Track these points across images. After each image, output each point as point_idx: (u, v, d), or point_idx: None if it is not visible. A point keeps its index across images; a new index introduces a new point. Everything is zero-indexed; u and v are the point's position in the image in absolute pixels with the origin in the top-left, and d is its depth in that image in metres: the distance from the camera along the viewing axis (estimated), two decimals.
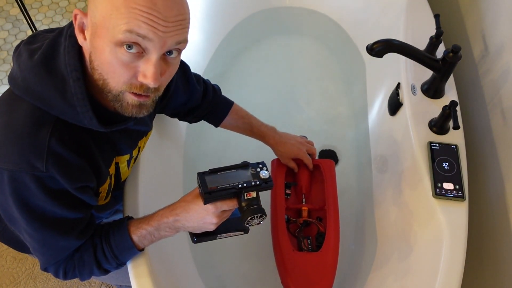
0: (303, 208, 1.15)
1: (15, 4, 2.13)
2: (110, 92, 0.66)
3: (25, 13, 1.79)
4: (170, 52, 0.66)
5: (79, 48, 0.68)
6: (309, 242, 1.10)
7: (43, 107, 0.67)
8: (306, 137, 1.22)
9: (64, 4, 2.20)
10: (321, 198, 1.17)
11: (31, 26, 1.85)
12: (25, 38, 0.74)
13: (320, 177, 1.19)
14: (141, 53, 0.63)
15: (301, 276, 1.03)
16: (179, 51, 0.68)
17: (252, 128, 1.13)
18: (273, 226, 1.11)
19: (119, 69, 0.63)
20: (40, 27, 2.08)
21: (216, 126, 1.12)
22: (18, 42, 2.12)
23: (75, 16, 0.66)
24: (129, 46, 0.62)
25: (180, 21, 0.63)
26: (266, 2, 1.70)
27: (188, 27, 0.66)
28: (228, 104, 1.10)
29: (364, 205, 1.27)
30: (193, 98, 1.02)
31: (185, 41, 0.66)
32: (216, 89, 1.08)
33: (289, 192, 1.18)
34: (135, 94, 0.66)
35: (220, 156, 1.40)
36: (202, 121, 1.13)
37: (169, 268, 0.97)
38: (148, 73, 0.63)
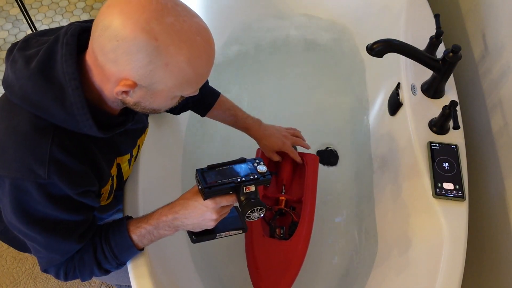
0: (280, 197, 1.16)
1: (15, 4, 2.13)
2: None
3: (25, 13, 1.78)
4: None
5: (77, 55, 0.67)
6: (281, 231, 1.12)
7: (41, 115, 0.67)
8: (299, 131, 1.23)
9: (64, 4, 2.19)
10: (300, 190, 1.18)
11: (31, 26, 1.85)
12: (18, 41, 0.73)
13: (302, 170, 1.19)
14: None
15: (268, 262, 1.04)
16: None
17: (237, 120, 1.12)
18: None
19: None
20: (40, 27, 2.08)
21: (202, 116, 1.12)
22: None
23: (126, 92, 0.66)
24: None
25: None
26: (266, 2, 1.70)
27: None
28: (214, 95, 1.10)
29: (364, 204, 1.27)
30: None
31: None
32: None
33: None
34: None
35: (220, 155, 1.40)
36: (202, 120, 1.13)
37: (169, 268, 0.97)
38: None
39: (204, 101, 1.09)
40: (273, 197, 1.17)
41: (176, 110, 1.08)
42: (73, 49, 0.67)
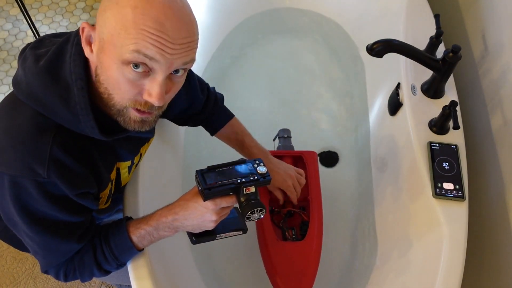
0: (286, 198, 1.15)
1: (15, 4, 2.13)
2: (114, 106, 0.67)
3: (25, 13, 1.78)
4: (176, 71, 0.66)
5: (85, 57, 0.68)
6: (293, 232, 1.12)
7: (45, 114, 0.67)
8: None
9: (64, 4, 2.19)
10: (305, 188, 1.17)
11: (31, 26, 1.85)
12: (26, 38, 0.74)
13: (303, 168, 1.20)
14: (147, 72, 0.63)
15: (286, 265, 1.04)
16: (186, 70, 0.68)
17: (243, 146, 1.09)
18: None
19: (125, 86, 0.64)
20: (40, 27, 2.08)
21: (212, 135, 1.11)
22: (18, 42, 2.11)
23: (83, 29, 0.65)
24: (136, 66, 0.62)
25: (188, 43, 0.64)
26: (267, 3, 1.70)
27: (196, 47, 0.67)
28: (226, 117, 1.08)
29: (364, 205, 1.27)
30: (194, 105, 1.02)
31: (192, 61, 0.67)
32: (218, 98, 1.06)
33: None
34: (138, 110, 0.67)
35: (220, 158, 1.39)
36: None
37: (169, 269, 0.97)
38: (154, 92, 0.64)
39: (214, 120, 1.07)
40: (279, 199, 1.17)
41: (172, 115, 1.06)
42: (82, 50, 0.67)
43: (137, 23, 0.60)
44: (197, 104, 1.02)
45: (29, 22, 1.82)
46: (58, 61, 0.67)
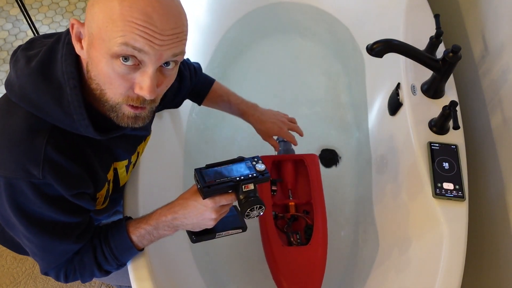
0: (289, 203, 1.16)
1: (15, 4, 2.13)
2: (107, 102, 0.67)
3: (25, 13, 1.78)
4: (167, 63, 0.66)
5: (77, 55, 0.67)
6: (298, 237, 1.12)
7: (39, 115, 0.66)
8: (287, 115, 1.23)
9: (64, 4, 2.19)
10: (307, 192, 1.18)
11: (31, 26, 1.85)
12: (26, 38, 0.74)
13: (304, 171, 1.19)
14: (137, 65, 0.63)
15: (292, 270, 1.04)
16: (176, 63, 0.68)
17: (231, 106, 1.12)
18: (261, 223, 1.12)
19: (116, 80, 0.64)
20: (40, 27, 2.08)
21: (199, 104, 1.13)
22: (18, 42, 2.11)
23: (72, 25, 0.66)
24: (125, 59, 0.62)
25: (176, 34, 0.64)
26: None
27: (185, 39, 0.67)
28: (208, 83, 1.10)
29: (364, 205, 1.27)
30: (184, 83, 1.04)
31: (182, 53, 0.67)
32: (196, 69, 1.08)
33: (275, 188, 1.20)
34: (131, 106, 0.67)
35: (221, 157, 1.39)
36: (202, 123, 1.13)
37: (170, 270, 0.97)
38: (144, 85, 0.64)
39: (198, 89, 1.09)
40: (282, 204, 1.17)
41: (172, 103, 1.07)
42: (73, 48, 0.67)
43: (124, 15, 0.60)
44: (187, 82, 1.04)
45: (29, 22, 1.82)
46: (49, 62, 0.67)
